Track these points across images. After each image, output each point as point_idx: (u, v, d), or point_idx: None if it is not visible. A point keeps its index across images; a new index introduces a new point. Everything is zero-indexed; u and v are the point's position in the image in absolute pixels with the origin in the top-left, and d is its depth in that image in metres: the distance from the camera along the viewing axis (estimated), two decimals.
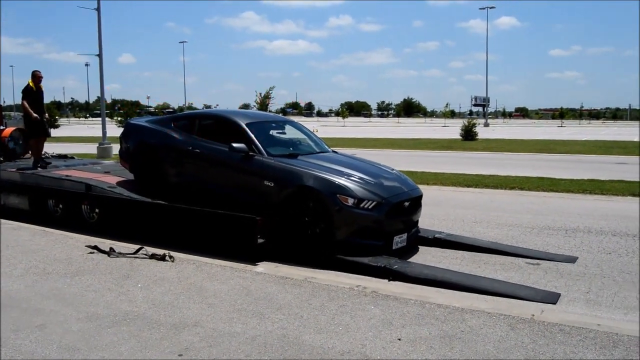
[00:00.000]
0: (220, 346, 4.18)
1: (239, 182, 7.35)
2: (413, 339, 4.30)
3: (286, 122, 9.08)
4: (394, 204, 6.67)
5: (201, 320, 4.70)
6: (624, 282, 5.94)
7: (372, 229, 6.52)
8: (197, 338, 4.33)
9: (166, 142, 8.12)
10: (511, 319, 4.70)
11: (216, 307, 5.04)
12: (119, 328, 4.54)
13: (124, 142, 8.97)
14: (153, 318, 4.77)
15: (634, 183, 13.21)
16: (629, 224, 8.77)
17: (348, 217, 6.42)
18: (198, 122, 8.17)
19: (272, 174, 6.96)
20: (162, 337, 4.36)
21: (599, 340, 4.27)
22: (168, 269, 6.26)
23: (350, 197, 6.46)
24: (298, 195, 6.71)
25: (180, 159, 7.92)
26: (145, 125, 8.76)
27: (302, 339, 4.30)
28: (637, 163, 19.78)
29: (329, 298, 5.26)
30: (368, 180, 6.87)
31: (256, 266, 6.38)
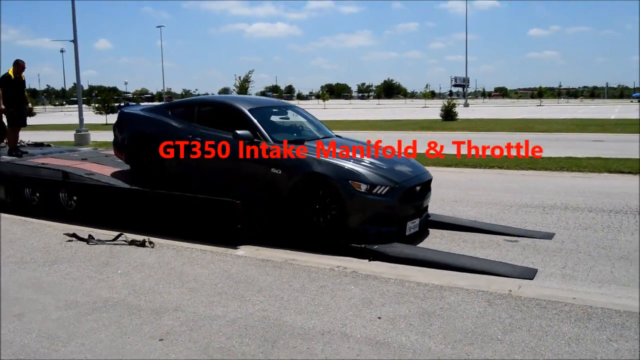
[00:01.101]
0: (201, 330, 4.19)
1: (243, 170, 7.10)
2: (393, 317, 4.35)
3: (288, 107, 8.79)
4: (406, 189, 6.50)
5: (182, 305, 4.70)
6: (599, 257, 6.05)
7: (385, 215, 6.36)
8: (177, 322, 4.33)
9: (164, 130, 7.79)
10: (489, 295, 4.77)
11: (197, 291, 5.04)
12: (99, 315, 4.52)
13: (118, 132, 8.61)
14: (133, 304, 4.75)
15: (610, 160, 13.40)
16: (604, 200, 8.92)
17: (361, 203, 6.24)
18: (197, 109, 7.86)
19: (279, 161, 6.72)
20: (143, 322, 4.36)
21: (574, 313, 4.36)
22: (148, 254, 6.23)
23: (363, 182, 6.26)
24: (307, 182, 6.50)
25: (179, 148, 7.60)
26: (140, 114, 8.44)
27: (282, 319, 4.33)
28: (615, 140, 20.08)
29: (310, 279, 5.28)
30: (379, 164, 6.67)
31: (237, 250, 6.38)
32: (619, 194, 9.36)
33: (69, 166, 8.88)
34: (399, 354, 3.73)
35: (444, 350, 3.77)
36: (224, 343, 3.95)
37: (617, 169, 12.05)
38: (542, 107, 74.54)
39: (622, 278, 5.39)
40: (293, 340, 3.96)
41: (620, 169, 11.96)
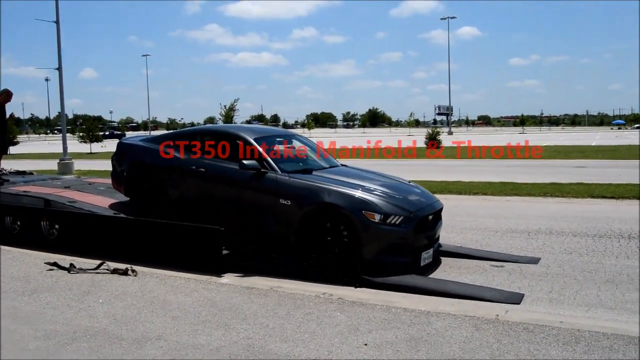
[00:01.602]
0: (185, 358, 4.09)
1: (250, 201, 6.84)
2: (379, 343, 4.29)
3: (292, 136, 8.51)
4: (420, 218, 6.33)
5: (164, 334, 4.60)
6: (585, 281, 6.05)
7: (400, 245, 6.18)
8: (160, 352, 4.23)
9: (167, 161, 7.58)
10: (476, 320, 4.73)
11: (180, 319, 4.94)
12: (79, 344, 4.41)
13: (117, 164, 8.38)
14: (114, 333, 4.64)
15: (592, 185, 13.55)
16: (588, 224, 8.97)
17: (375, 234, 6.03)
18: (200, 138, 7.62)
19: (288, 191, 6.49)
20: (124, 352, 4.25)
21: (561, 337, 4.33)
22: (130, 283, 6.12)
23: (377, 212, 6.07)
24: (319, 213, 6.29)
25: (183, 180, 7.43)
26: (141, 144, 8.22)
27: (268, 348, 4.25)
28: (596, 166, 20.34)
29: (295, 306, 5.21)
30: (391, 194, 6.49)
31: (221, 277, 6.29)
32: (602, 219, 9.43)
33: (51, 194, 8.77)
34: None
35: None
36: None
37: (600, 194, 12.17)
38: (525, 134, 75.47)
39: (609, 301, 5.38)
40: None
41: (603, 194, 12.08)
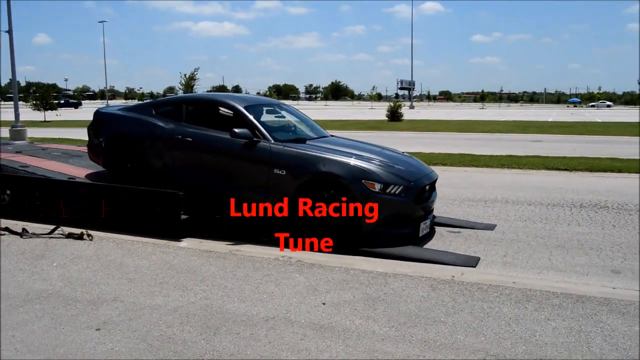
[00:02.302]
0: (141, 319, 4.04)
1: (242, 172, 6.59)
2: (337, 302, 4.33)
3: (279, 105, 8.24)
4: (420, 188, 6.22)
5: (120, 295, 4.53)
6: (537, 246, 6.22)
7: (400, 216, 6.06)
8: (115, 312, 4.17)
9: (150, 131, 7.17)
10: (432, 281, 4.83)
11: (137, 281, 4.87)
12: (32, 306, 4.30)
13: (93, 135, 7.93)
14: (69, 295, 4.55)
15: (548, 158, 13.89)
16: (542, 194, 9.21)
17: (375, 204, 5.85)
18: (185, 107, 7.29)
19: (283, 161, 6.25)
20: (79, 313, 4.17)
21: (514, 296, 4.46)
22: (86, 247, 5.99)
23: (377, 182, 5.90)
24: (316, 183, 6.05)
25: (167, 150, 7.04)
26: (120, 113, 7.80)
27: (225, 307, 4.24)
28: (552, 140, 20.86)
29: (254, 268, 5.20)
30: (389, 163, 6.34)
31: (180, 242, 6.22)
32: (556, 189, 9.70)
33: (1, 158, 8.47)
34: (343, 336, 3.71)
35: (388, 333, 3.77)
36: (164, 331, 3.82)
37: (554, 166, 12.50)
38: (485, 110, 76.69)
39: (560, 265, 5.55)
40: (236, 327, 3.88)
41: (557, 166, 12.42)
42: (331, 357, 3.43)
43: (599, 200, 8.64)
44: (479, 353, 3.49)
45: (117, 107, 8.33)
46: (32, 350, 3.56)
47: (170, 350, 3.53)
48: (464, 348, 3.55)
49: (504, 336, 3.73)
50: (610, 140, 21.35)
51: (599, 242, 6.36)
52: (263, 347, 3.57)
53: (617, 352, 3.50)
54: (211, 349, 3.55)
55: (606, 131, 26.79)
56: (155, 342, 3.65)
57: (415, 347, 3.56)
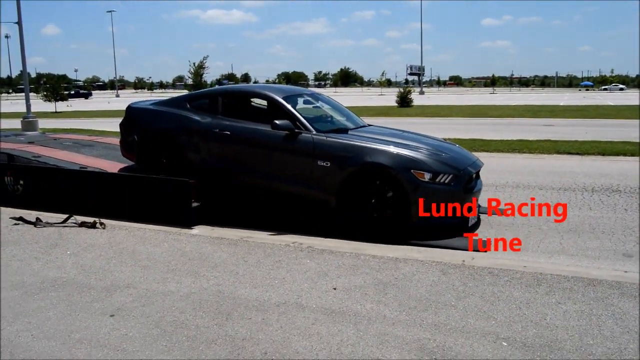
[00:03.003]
0: (154, 305, 4.10)
1: (283, 164, 6.39)
2: (348, 287, 4.36)
3: (314, 95, 7.94)
4: (468, 176, 6.08)
5: (134, 282, 4.59)
6: (549, 230, 6.21)
7: (450, 205, 5.85)
8: (129, 299, 4.23)
9: (185, 125, 6.99)
10: (443, 265, 4.84)
11: (149, 268, 4.93)
12: (47, 294, 4.37)
13: (126, 131, 7.78)
14: (83, 282, 4.61)
15: (559, 142, 13.78)
16: (554, 178, 9.17)
17: (425, 194, 5.68)
18: (221, 100, 7.07)
19: (327, 152, 6.06)
20: (93, 299, 4.24)
21: (524, 280, 4.47)
22: (99, 235, 6.06)
23: (426, 171, 5.74)
24: (363, 174, 5.90)
25: (204, 145, 6.84)
26: (153, 108, 7.59)
27: (237, 293, 4.28)
28: (564, 125, 20.68)
29: (265, 255, 5.24)
30: (436, 152, 6.17)
31: (192, 229, 6.28)
32: (568, 173, 9.64)
33: (14, 149, 8.55)
34: (354, 321, 3.74)
35: (398, 317, 3.80)
36: (177, 317, 3.87)
37: (566, 150, 12.40)
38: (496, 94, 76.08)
39: (571, 249, 5.54)
40: (248, 312, 3.92)
41: (569, 150, 12.32)
42: (342, 341, 3.46)
43: (611, 184, 8.58)
44: (490, 336, 3.50)
45: (149, 102, 8.11)
46: (47, 337, 3.62)
47: (184, 336, 3.58)
48: (475, 331, 3.57)
49: (514, 319, 3.74)
50: (623, 123, 21.11)
51: (610, 225, 6.33)
52: (275, 331, 3.61)
53: (628, 335, 3.50)
54: (224, 334, 3.59)
55: (619, 114, 26.50)
56: (168, 328, 3.70)
57: (426, 331, 3.58)
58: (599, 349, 3.34)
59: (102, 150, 9.21)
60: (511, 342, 3.42)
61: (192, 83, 40.87)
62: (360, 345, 3.41)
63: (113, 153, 9.04)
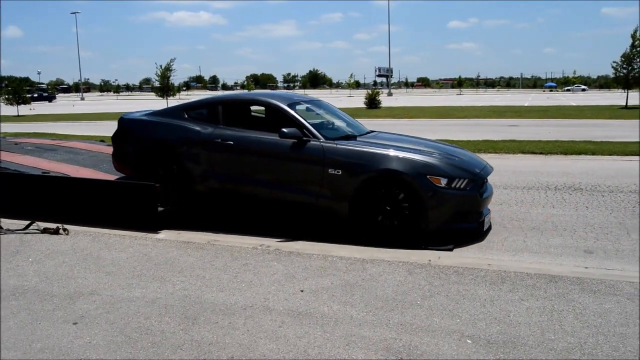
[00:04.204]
0: (119, 311, 4.03)
1: (291, 174, 6.19)
2: (315, 289, 4.36)
3: (313, 101, 7.64)
4: (482, 180, 6.01)
5: (98, 289, 4.51)
6: (513, 229, 6.32)
7: (466, 210, 5.79)
8: (93, 306, 4.15)
9: (185, 136, 6.69)
10: (409, 265, 4.89)
11: (114, 274, 4.85)
12: (7, 303, 4.26)
13: (120, 144, 7.37)
14: (45, 290, 4.51)
15: (523, 142, 14.06)
16: (518, 177, 9.35)
17: (442, 200, 5.60)
18: (222, 109, 6.81)
19: (338, 160, 5.89)
20: (55, 307, 4.15)
21: (489, 277, 4.54)
22: (62, 242, 5.94)
23: (442, 176, 5.62)
24: (377, 181, 5.74)
25: (206, 156, 6.56)
26: (148, 119, 7.23)
27: (204, 297, 4.24)
28: (528, 125, 21.09)
29: (232, 258, 5.21)
30: (448, 156, 6.06)
31: (157, 234, 6.20)
32: (531, 172, 9.84)
33: None
34: (321, 322, 3.75)
35: (365, 317, 3.82)
36: (142, 323, 3.82)
37: (530, 150, 12.66)
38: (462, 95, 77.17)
39: (534, 246, 5.65)
40: (214, 316, 3.89)
41: (533, 150, 12.58)
42: (309, 343, 3.47)
43: (573, 183, 8.79)
44: (455, 334, 3.55)
45: (142, 113, 7.71)
46: (7, 347, 3.53)
47: (148, 342, 3.53)
48: (440, 330, 3.61)
49: (478, 317, 3.80)
50: (585, 123, 21.65)
51: (572, 223, 6.48)
52: (241, 335, 3.59)
53: (587, 329, 3.59)
54: (189, 339, 3.56)
55: (581, 114, 27.18)
56: (133, 334, 3.64)
57: (392, 331, 3.61)
58: (560, 343, 3.41)
59: (65, 155, 9.03)
60: (475, 340, 3.47)
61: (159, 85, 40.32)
62: (327, 346, 3.42)
63: (76, 158, 8.89)
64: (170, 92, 40.64)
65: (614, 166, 10.39)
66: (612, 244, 5.66)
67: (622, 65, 34.27)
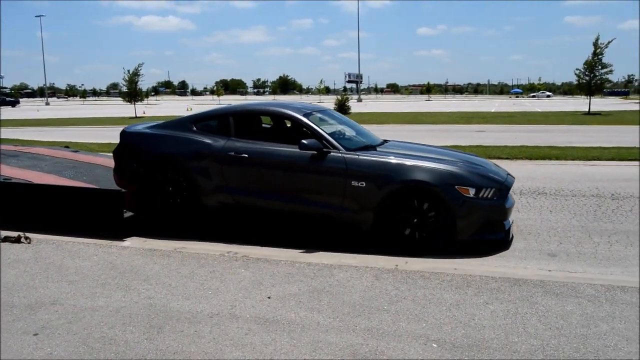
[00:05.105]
0: (81, 321, 3.95)
1: (311, 187, 5.98)
2: (282, 295, 4.35)
3: (325, 111, 7.29)
4: (508, 189, 5.92)
5: (60, 298, 4.41)
6: None
7: (494, 220, 5.68)
8: (55, 316, 4.06)
9: (195, 149, 6.38)
10: (377, 271, 4.91)
11: (77, 283, 4.75)
12: None
13: (123, 159, 6.94)
14: (5, 301, 4.39)
15: (489, 147, 14.29)
16: None
17: (471, 210, 5.50)
18: (233, 120, 6.55)
19: (361, 171, 5.72)
20: (15, 318, 4.04)
21: (454, 282, 4.59)
22: (24, 250, 5.79)
23: (471, 186, 5.52)
24: (403, 193, 5.60)
25: (219, 170, 6.27)
26: (154, 132, 6.87)
27: (169, 306, 4.19)
28: (495, 130, 21.45)
29: (199, 265, 5.16)
30: (471, 165, 5.98)
31: (123, 241, 6.10)
32: None
33: None
34: (287, 329, 3.73)
35: (332, 323, 3.82)
36: (105, 332, 3.75)
37: (496, 155, 12.84)
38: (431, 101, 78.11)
39: (499, 250, 5.73)
40: (180, 325, 3.84)
41: (499, 155, 12.77)
42: (275, 350, 3.45)
43: (537, 187, 8.96)
44: (421, 339, 3.57)
45: (145, 126, 7.31)
46: None
47: (112, 352, 3.47)
48: (406, 335, 3.63)
49: (444, 321, 3.83)
50: (549, 129, 22.14)
51: (536, 227, 6.60)
52: (207, 343, 3.55)
53: (550, 331, 3.65)
54: (154, 348, 3.50)
55: (545, 120, 27.79)
56: (95, 345, 3.57)
57: (359, 336, 3.62)
58: (523, 346, 3.46)
59: (27, 161, 8.84)
60: (441, 344, 3.50)
61: (127, 90, 39.80)
62: (294, 353, 3.41)
63: (39, 164, 8.71)
64: (138, 98, 40.13)
65: (577, 171, 10.64)
66: (575, 247, 5.78)
67: (584, 72, 35.20)
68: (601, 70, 34.72)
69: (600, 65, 34.52)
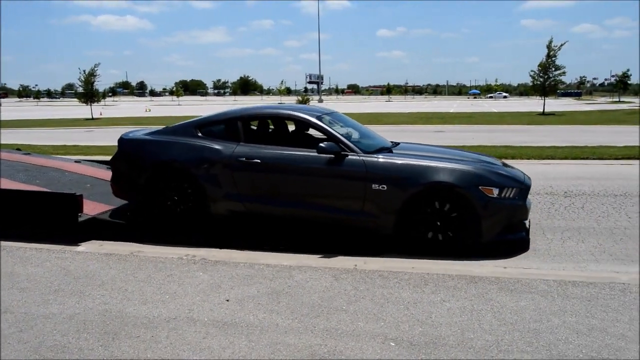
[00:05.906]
0: (33, 329, 3.84)
1: (329, 191, 5.81)
2: (241, 298, 4.32)
3: (333, 113, 7.07)
4: (528, 189, 5.88)
5: (11, 307, 4.27)
6: None
7: (517, 220, 5.67)
8: (5, 325, 3.93)
9: (202, 156, 6.14)
10: (336, 271, 4.93)
11: (29, 290, 4.61)
12: None
13: (122, 167, 6.67)
14: None
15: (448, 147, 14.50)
16: None
17: (496, 211, 5.46)
18: (242, 124, 6.35)
19: (382, 174, 5.59)
20: None
21: (412, 280, 4.65)
22: None
23: (494, 186, 5.47)
24: (427, 195, 5.50)
25: (229, 176, 6.05)
26: (155, 139, 6.58)
27: (125, 311, 4.11)
28: (453, 130, 21.82)
29: (156, 269, 5.08)
30: (490, 166, 5.94)
31: (78, 246, 5.95)
32: None
33: None
34: (246, 332, 3.71)
35: (291, 325, 3.82)
36: (58, 340, 3.65)
37: None
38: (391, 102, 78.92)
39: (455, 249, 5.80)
40: (136, 330, 3.77)
41: None
42: (233, 353, 3.42)
43: None
44: (379, 338, 3.60)
45: (145, 132, 7.01)
46: None
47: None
48: (364, 334, 3.66)
49: (402, 320, 3.87)
50: (506, 129, 22.64)
51: None
52: (164, 348, 3.50)
53: (504, 327, 3.74)
54: (109, 355, 3.43)
55: (502, 120, 28.42)
56: (48, 353, 3.48)
57: (317, 337, 3.62)
58: (478, 342, 3.53)
59: None
60: (399, 342, 3.54)
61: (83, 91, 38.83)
62: (252, 355, 3.39)
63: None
64: (95, 99, 39.22)
65: (531, 170, 10.88)
66: (529, 244, 5.91)
67: (539, 74, 36.12)
68: (555, 72, 35.66)
69: (554, 67, 35.47)
